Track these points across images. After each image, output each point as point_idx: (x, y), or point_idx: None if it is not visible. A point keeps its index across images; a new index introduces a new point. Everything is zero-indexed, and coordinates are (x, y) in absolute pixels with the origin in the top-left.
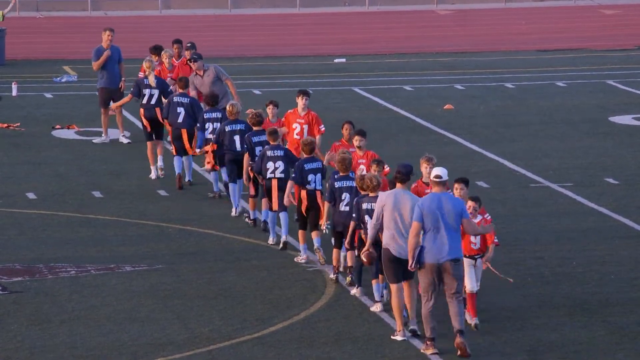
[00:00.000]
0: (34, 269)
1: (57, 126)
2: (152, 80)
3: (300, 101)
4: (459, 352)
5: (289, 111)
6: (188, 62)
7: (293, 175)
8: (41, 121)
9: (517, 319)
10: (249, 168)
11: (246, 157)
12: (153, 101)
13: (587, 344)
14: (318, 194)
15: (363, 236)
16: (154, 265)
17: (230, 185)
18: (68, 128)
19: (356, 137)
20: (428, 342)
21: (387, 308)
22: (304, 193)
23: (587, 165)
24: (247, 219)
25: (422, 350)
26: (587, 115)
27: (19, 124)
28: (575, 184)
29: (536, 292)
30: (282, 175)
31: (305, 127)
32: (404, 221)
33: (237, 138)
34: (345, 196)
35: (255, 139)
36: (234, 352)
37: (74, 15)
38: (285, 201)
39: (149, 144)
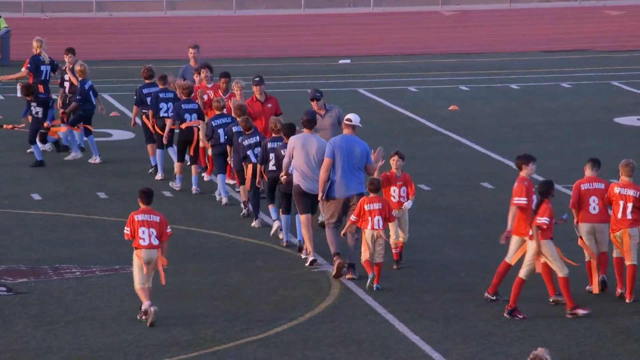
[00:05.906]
0: (39, 270)
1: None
2: (46, 57)
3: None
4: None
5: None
6: (311, 100)
7: (172, 114)
8: None
9: (522, 319)
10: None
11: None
12: (47, 77)
13: (591, 345)
14: (195, 131)
15: (264, 173)
16: None
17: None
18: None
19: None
20: (334, 258)
21: (391, 309)
22: (184, 125)
23: None
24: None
25: (332, 265)
26: (592, 116)
27: (23, 125)
28: None
29: (541, 292)
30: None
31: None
32: (310, 161)
33: (92, 93)
34: (219, 134)
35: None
36: (239, 353)
37: (78, 16)
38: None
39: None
